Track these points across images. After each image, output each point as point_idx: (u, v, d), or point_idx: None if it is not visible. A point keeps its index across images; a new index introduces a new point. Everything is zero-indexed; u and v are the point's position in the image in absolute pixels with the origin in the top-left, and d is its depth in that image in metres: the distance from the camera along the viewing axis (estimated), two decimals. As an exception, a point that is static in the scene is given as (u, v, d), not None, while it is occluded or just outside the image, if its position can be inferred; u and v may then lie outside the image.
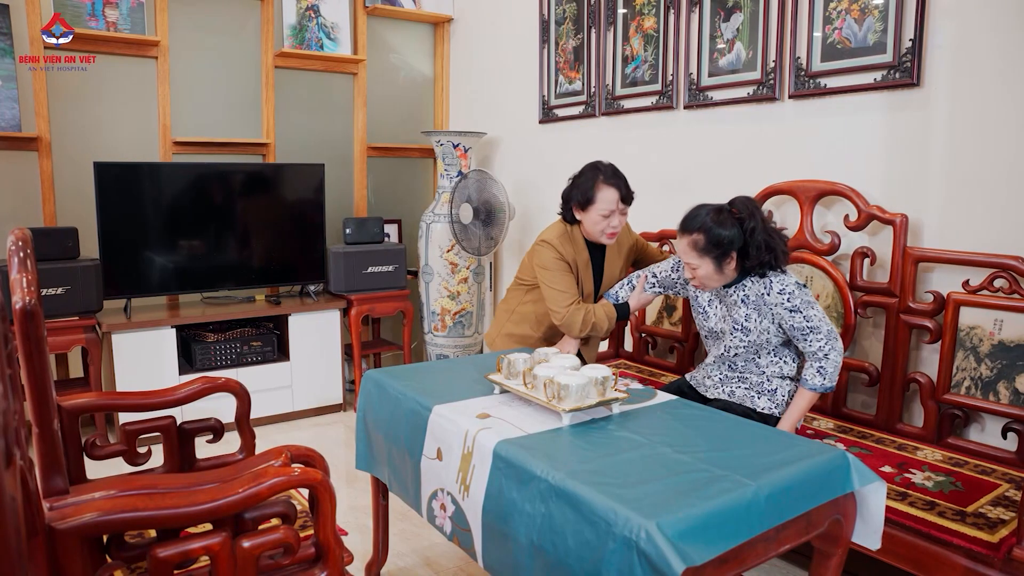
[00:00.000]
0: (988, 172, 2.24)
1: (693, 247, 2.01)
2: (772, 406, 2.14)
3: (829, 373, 2.02)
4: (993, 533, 1.71)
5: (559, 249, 2.40)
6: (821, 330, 2.01)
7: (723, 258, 1.99)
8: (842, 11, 2.53)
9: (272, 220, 3.84)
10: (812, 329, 2.01)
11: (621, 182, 2.36)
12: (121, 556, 1.39)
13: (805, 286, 2.03)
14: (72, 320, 3.21)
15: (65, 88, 3.50)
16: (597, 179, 2.36)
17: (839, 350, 2.03)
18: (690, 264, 2.05)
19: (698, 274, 2.04)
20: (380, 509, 2.21)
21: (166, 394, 1.80)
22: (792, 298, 1.99)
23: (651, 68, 3.26)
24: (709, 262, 2.01)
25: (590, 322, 2.35)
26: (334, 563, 1.36)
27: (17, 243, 1.17)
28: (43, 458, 1.21)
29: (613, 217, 2.36)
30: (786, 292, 1.99)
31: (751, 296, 2.05)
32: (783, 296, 2.00)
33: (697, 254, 2.01)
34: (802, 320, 2.01)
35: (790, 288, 1.99)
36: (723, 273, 2.03)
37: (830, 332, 2.02)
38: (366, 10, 4.28)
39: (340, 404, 3.96)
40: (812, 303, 2.02)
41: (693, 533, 1.23)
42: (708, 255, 2.00)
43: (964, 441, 2.26)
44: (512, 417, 1.74)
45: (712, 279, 2.05)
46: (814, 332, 2.01)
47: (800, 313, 2.00)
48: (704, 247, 1.99)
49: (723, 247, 1.97)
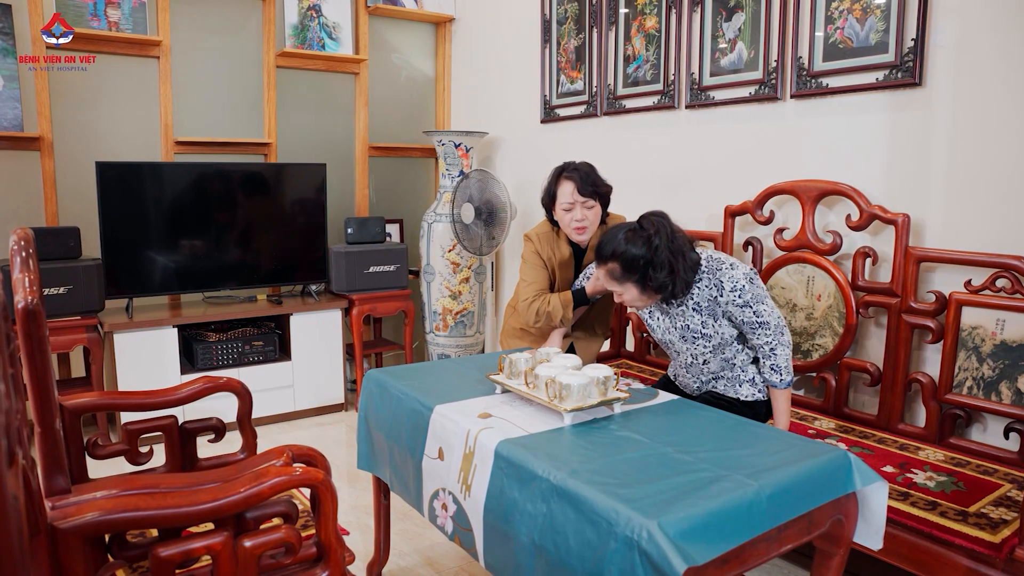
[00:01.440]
0: (990, 172, 2.24)
1: (610, 276, 1.95)
2: (755, 391, 2.11)
3: (782, 368, 2.01)
4: (995, 533, 1.71)
5: (537, 244, 2.46)
6: (770, 325, 1.98)
7: (644, 280, 1.91)
8: (844, 11, 2.53)
9: (274, 220, 3.84)
10: (761, 324, 1.98)
11: (578, 174, 2.34)
12: (123, 555, 1.39)
13: (755, 279, 1.97)
14: (74, 320, 3.22)
15: (67, 88, 3.51)
16: (558, 176, 2.40)
17: (786, 343, 2.01)
18: (615, 292, 1.99)
19: (625, 299, 1.99)
20: (381, 509, 2.21)
21: (168, 394, 1.80)
22: (743, 294, 1.94)
23: (653, 68, 3.26)
24: (631, 287, 1.94)
25: (544, 311, 2.38)
26: (335, 563, 1.36)
27: (19, 243, 1.18)
28: (45, 457, 1.21)
29: (575, 210, 2.36)
30: (737, 289, 1.94)
31: (703, 303, 1.99)
32: (735, 293, 1.94)
33: (617, 282, 1.95)
34: (752, 315, 1.97)
35: (741, 284, 1.93)
36: (649, 293, 1.96)
37: (778, 327, 2.00)
38: (368, 10, 4.28)
39: (342, 404, 3.96)
40: (762, 297, 1.98)
41: (695, 533, 1.23)
42: (628, 280, 1.93)
43: (966, 441, 2.26)
44: (514, 417, 1.74)
45: (641, 301, 1.99)
46: (763, 327, 1.98)
47: (750, 308, 1.96)
48: (621, 274, 1.93)
49: (640, 270, 1.90)
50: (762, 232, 2.86)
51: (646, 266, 1.89)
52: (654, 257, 1.88)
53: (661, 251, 1.88)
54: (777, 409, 2.06)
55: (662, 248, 1.88)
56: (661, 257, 1.88)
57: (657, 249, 1.88)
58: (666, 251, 1.88)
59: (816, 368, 2.61)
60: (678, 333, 2.07)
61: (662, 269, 1.88)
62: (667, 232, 1.91)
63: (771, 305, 1.99)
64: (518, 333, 2.66)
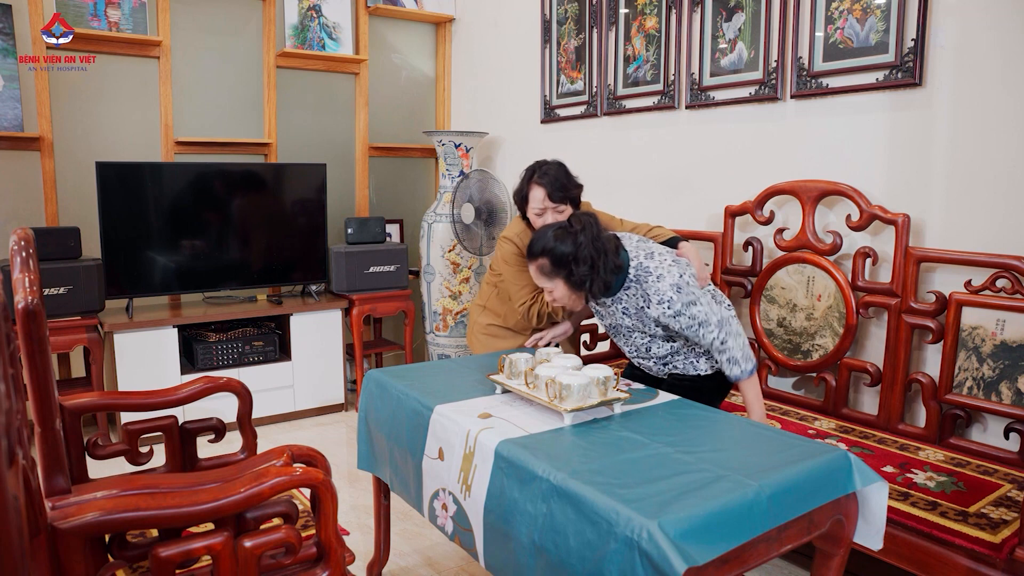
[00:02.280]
0: (990, 172, 2.24)
1: (541, 271, 1.99)
2: (712, 363, 2.12)
3: (739, 359, 1.99)
4: (995, 533, 1.71)
5: (518, 244, 2.45)
6: (711, 323, 1.96)
7: (573, 275, 1.94)
8: (844, 11, 2.53)
9: (274, 220, 3.84)
10: (702, 324, 1.96)
11: (548, 180, 2.34)
12: (123, 555, 1.39)
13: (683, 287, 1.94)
14: (74, 320, 3.22)
15: (67, 88, 3.51)
16: (529, 179, 2.39)
17: (735, 333, 1.99)
18: (547, 288, 2.02)
19: (556, 296, 2.01)
20: (382, 509, 2.21)
21: (168, 394, 1.80)
22: (672, 305, 1.93)
23: (653, 68, 3.26)
24: (560, 283, 1.97)
25: (544, 313, 2.41)
26: (336, 563, 1.36)
27: (19, 243, 1.18)
28: (45, 458, 1.21)
29: (546, 215, 2.36)
30: (664, 302, 1.93)
31: (631, 308, 2.02)
32: (663, 307, 1.94)
33: (547, 278, 1.98)
34: (688, 320, 1.95)
35: (668, 296, 1.93)
36: (579, 290, 1.98)
37: (721, 320, 1.98)
38: (368, 10, 4.28)
39: (342, 404, 3.96)
40: (696, 299, 1.95)
41: (695, 533, 1.23)
42: (557, 276, 1.96)
43: (966, 441, 2.26)
44: (514, 417, 1.74)
45: (571, 299, 2.01)
46: (704, 327, 1.96)
47: (684, 315, 1.94)
48: (550, 270, 1.96)
49: (568, 266, 1.93)
50: (762, 232, 2.86)
51: (572, 262, 1.93)
52: (578, 252, 1.92)
53: (585, 247, 1.92)
54: (747, 400, 2.04)
55: (586, 244, 1.92)
56: (584, 253, 1.92)
57: (581, 245, 1.92)
58: (590, 247, 1.92)
59: (816, 368, 2.62)
60: (614, 330, 2.13)
61: (584, 264, 1.92)
62: (592, 231, 1.95)
63: (707, 302, 1.97)
64: (490, 330, 2.65)
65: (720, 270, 2.93)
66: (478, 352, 2.66)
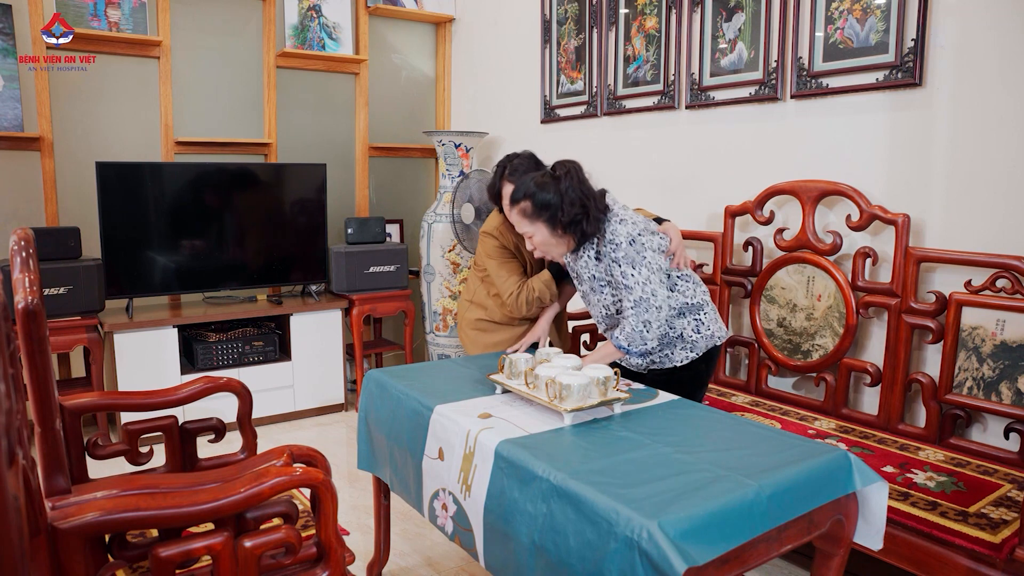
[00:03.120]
0: (990, 172, 2.24)
1: (523, 215, 2.02)
2: (687, 353, 2.11)
3: (626, 333, 1.99)
4: (995, 533, 1.71)
5: (499, 238, 2.50)
6: (633, 292, 1.97)
7: (553, 221, 1.99)
8: (844, 11, 2.53)
9: (274, 220, 3.84)
10: (626, 287, 1.98)
11: (517, 176, 2.38)
12: (123, 555, 1.39)
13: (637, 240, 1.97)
14: (74, 320, 3.22)
15: (67, 88, 3.51)
16: (501, 175, 2.45)
17: (644, 321, 1.97)
18: (526, 233, 2.06)
19: (535, 241, 2.05)
20: (382, 509, 2.21)
21: (168, 394, 1.80)
22: (617, 249, 1.97)
23: (653, 68, 3.26)
24: (541, 226, 2.01)
25: (533, 299, 2.44)
26: (336, 563, 1.36)
27: (19, 243, 1.18)
28: (45, 457, 1.21)
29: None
30: (614, 242, 1.97)
31: (602, 252, 2.06)
32: (611, 246, 1.98)
33: (528, 221, 2.02)
34: (619, 274, 1.98)
35: (619, 240, 1.97)
36: (560, 237, 2.02)
37: (642, 299, 1.96)
38: (368, 10, 4.28)
39: (342, 404, 3.96)
40: (638, 261, 1.96)
41: (695, 533, 1.23)
42: (539, 219, 2.00)
43: (966, 441, 2.26)
44: (514, 417, 1.74)
45: (550, 244, 2.05)
46: (627, 290, 1.98)
47: (619, 266, 1.97)
48: (532, 212, 2.00)
49: (550, 209, 1.97)
50: (762, 232, 2.86)
51: (556, 207, 1.97)
52: (564, 196, 1.96)
53: (572, 190, 1.96)
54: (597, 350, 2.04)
55: (573, 188, 1.97)
56: (572, 196, 1.96)
57: (568, 189, 1.97)
58: (577, 191, 1.97)
59: (816, 368, 2.62)
60: (588, 284, 2.14)
61: (573, 206, 1.95)
62: (576, 175, 2.00)
63: (645, 276, 1.96)
64: (479, 324, 2.68)
65: (720, 270, 2.93)
66: (468, 346, 2.68)
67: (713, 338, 2.14)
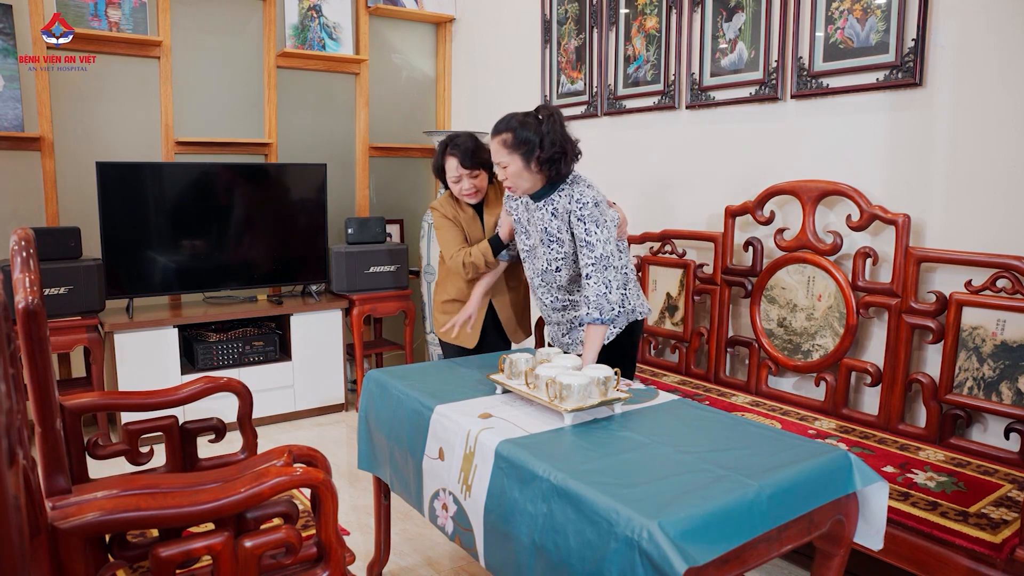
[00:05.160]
0: (991, 172, 2.24)
1: (503, 145, 2.15)
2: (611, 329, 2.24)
3: (591, 302, 2.08)
4: (995, 534, 1.71)
5: (442, 209, 2.67)
6: (595, 249, 2.09)
7: (530, 156, 2.12)
8: (844, 11, 2.53)
9: (274, 220, 3.84)
10: (588, 244, 2.10)
11: (459, 150, 2.54)
12: (123, 555, 1.39)
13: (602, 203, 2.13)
14: (74, 320, 3.22)
15: (68, 88, 3.51)
16: (443, 152, 2.59)
17: (604, 280, 2.08)
18: (501, 163, 2.17)
19: (509, 172, 2.16)
20: (382, 509, 2.21)
21: (168, 394, 1.80)
22: (584, 208, 2.11)
23: (653, 68, 3.26)
24: (518, 158, 2.14)
25: (469, 262, 2.55)
26: (336, 563, 1.36)
27: (20, 243, 1.18)
28: (45, 457, 1.21)
29: (462, 181, 2.56)
30: (580, 201, 2.12)
31: (559, 209, 2.17)
32: (577, 204, 2.12)
33: (507, 151, 2.15)
34: (583, 232, 2.11)
35: (585, 199, 2.12)
36: (531, 172, 2.14)
37: (603, 257, 2.08)
38: (368, 10, 4.28)
39: (342, 404, 3.96)
40: (602, 223, 2.11)
41: (695, 533, 1.23)
42: (516, 152, 2.13)
43: (966, 441, 2.25)
44: (514, 417, 1.74)
45: (522, 177, 2.16)
46: (588, 247, 2.10)
47: (583, 224, 2.11)
48: (512, 144, 2.13)
49: (529, 144, 2.12)
50: (762, 232, 2.86)
51: (535, 144, 2.11)
52: (544, 136, 2.11)
53: (554, 131, 2.12)
54: (587, 347, 2.09)
55: (555, 129, 2.12)
56: (552, 137, 2.11)
57: (549, 131, 2.12)
58: (558, 133, 2.12)
59: (816, 368, 2.62)
60: (538, 236, 2.25)
61: (554, 145, 2.10)
62: (559, 119, 2.16)
63: (606, 237, 2.11)
64: (446, 307, 2.77)
65: (720, 270, 2.94)
66: (436, 326, 2.77)
67: (635, 312, 2.30)
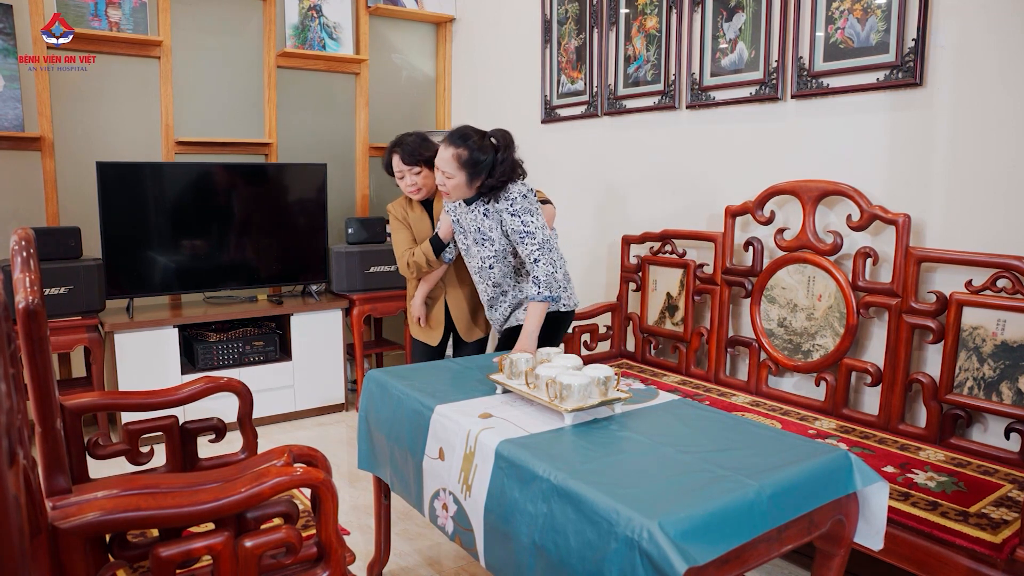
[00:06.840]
0: (991, 172, 2.24)
1: (455, 159, 2.27)
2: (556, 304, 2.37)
3: (541, 281, 2.23)
4: (996, 534, 1.71)
5: (394, 211, 2.83)
6: (536, 236, 2.25)
7: (476, 177, 2.29)
8: (844, 11, 2.53)
9: (274, 220, 3.84)
10: (528, 233, 2.26)
11: (402, 148, 2.69)
12: (124, 555, 1.39)
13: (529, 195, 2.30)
14: (75, 320, 3.22)
15: (68, 88, 3.51)
16: (391, 151, 2.73)
17: (551, 260, 2.25)
18: (446, 172, 2.30)
19: (449, 184, 2.30)
20: (382, 509, 2.21)
21: (168, 394, 1.80)
22: (514, 204, 2.28)
23: (653, 68, 3.26)
24: (464, 175, 2.28)
25: (413, 262, 2.69)
26: (336, 563, 1.36)
27: (20, 243, 1.18)
28: (46, 457, 1.21)
29: (406, 177, 2.72)
30: (510, 198, 2.29)
31: (490, 209, 2.35)
32: (507, 202, 2.29)
33: (457, 166, 2.27)
34: (520, 224, 2.27)
35: (514, 195, 2.29)
36: (471, 187, 2.32)
37: (544, 241, 2.25)
38: (368, 10, 4.28)
39: (342, 404, 3.96)
40: (535, 212, 2.29)
41: (695, 533, 1.23)
42: (465, 170, 2.27)
43: (967, 441, 2.25)
44: (514, 417, 1.74)
45: (460, 190, 2.33)
46: (529, 236, 2.26)
47: (518, 217, 2.27)
48: (464, 162, 2.27)
49: (479, 168, 2.27)
50: (763, 232, 2.86)
51: (484, 169, 2.28)
52: (498, 163, 2.28)
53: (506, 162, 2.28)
54: (527, 320, 2.25)
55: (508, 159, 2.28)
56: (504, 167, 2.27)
57: (503, 160, 2.28)
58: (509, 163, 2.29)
59: (816, 368, 2.61)
60: (472, 236, 2.43)
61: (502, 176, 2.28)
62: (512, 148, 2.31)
63: (542, 224, 2.29)
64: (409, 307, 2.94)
65: (720, 270, 2.93)
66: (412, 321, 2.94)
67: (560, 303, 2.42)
